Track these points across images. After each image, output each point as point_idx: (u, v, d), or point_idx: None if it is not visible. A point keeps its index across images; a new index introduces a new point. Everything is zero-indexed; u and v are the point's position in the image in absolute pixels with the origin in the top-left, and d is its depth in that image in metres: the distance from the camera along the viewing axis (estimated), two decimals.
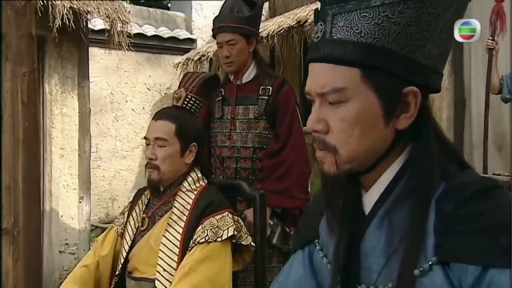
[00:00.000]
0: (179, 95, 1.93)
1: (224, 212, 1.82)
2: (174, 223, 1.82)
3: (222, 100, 2.74)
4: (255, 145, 2.62)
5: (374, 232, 0.92)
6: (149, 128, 1.91)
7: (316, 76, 0.92)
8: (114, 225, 2.03)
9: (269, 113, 2.60)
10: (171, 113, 1.91)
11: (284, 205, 2.53)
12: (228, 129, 2.67)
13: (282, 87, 2.63)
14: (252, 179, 2.60)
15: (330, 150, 0.90)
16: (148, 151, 1.89)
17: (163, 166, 1.88)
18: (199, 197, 1.87)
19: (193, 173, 1.94)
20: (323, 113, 0.91)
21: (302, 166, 2.56)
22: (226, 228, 1.77)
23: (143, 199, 2.00)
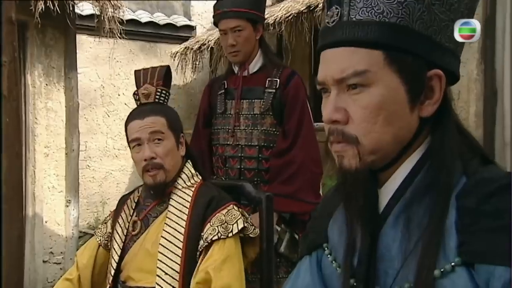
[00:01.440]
0: (148, 91, 1.99)
1: (229, 206, 1.91)
2: (174, 222, 1.88)
3: (225, 94, 2.75)
4: (261, 143, 2.62)
5: (389, 232, 0.93)
6: (135, 128, 1.94)
7: (332, 62, 0.93)
8: (96, 236, 2.09)
9: (277, 107, 2.61)
10: (153, 109, 1.97)
11: (292, 209, 2.53)
12: (232, 125, 2.68)
13: (291, 79, 2.63)
14: (258, 181, 2.61)
15: (351, 142, 0.92)
16: (144, 152, 1.92)
17: (167, 163, 1.94)
18: (198, 193, 1.94)
19: (186, 169, 2.02)
20: (342, 102, 0.92)
21: (313, 167, 2.56)
22: (235, 222, 1.86)
23: (129, 203, 2.06)
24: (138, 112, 1.98)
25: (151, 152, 1.91)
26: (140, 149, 1.93)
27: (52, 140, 4.59)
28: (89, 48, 6.65)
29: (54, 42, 4.61)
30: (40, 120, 4.55)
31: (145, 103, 2.00)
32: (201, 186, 1.99)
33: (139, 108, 2.01)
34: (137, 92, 2.03)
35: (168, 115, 1.99)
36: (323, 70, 0.95)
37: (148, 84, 2.02)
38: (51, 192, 4.59)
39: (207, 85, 3.01)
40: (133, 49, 7.10)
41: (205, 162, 2.80)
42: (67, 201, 4.64)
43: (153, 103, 2.00)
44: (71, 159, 4.65)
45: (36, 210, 4.51)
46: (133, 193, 2.11)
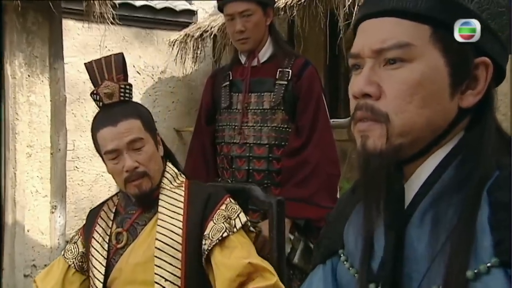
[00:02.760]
0: (111, 90, 1.96)
1: (226, 199, 1.99)
2: (168, 224, 1.93)
3: (230, 86, 2.78)
4: (271, 142, 2.65)
5: (413, 231, 0.95)
6: (109, 138, 1.93)
7: (373, 32, 0.97)
8: (65, 259, 2.07)
9: (289, 101, 2.63)
10: (124, 111, 1.97)
11: (307, 215, 2.55)
12: (239, 121, 2.71)
13: (304, 69, 2.65)
14: (268, 184, 2.64)
15: (380, 119, 0.94)
16: (125, 162, 1.93)
17: (151, 168, 1.98)
18: (190, 192, 2.01)
19: (169, 169, 2.08)
20: (376, 76, 0.95)
21: (330, 167, 2.59)
22: (236, 216, 1.95)
23: (104, 216, 2.08)
24: (106, 116, 1.96)
25: (132, 162, 1.93)
26: (118, 160, 1.94)
27: (36, 139, 4.60)
28: (77, 35, 6.67)
29: (36, 28, 4.62)
30: (21, 116, 4.56)
31: (109, 103, 1.97)
32: (191, 185, 2.06)
33: (105, 111, 1.98)
34: (96, 91, 1.99)
35: (142, 115, 2.00)
36: (360, 41, 0.98)
37: (108, 81, 1.98)
38: (34, 197, 4.59)
39: (210, 76, 3.04)
40: (127, 37, 7.11)
41: (208, 163, 2.84)
42: (53, 207, 4.64)
43: (119, 103, 1.98)
44: (57, 160, 4.65)
45: (17, 218, 4.52)
46: (104, 205, 2.12)
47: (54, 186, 4.65)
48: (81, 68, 6.69)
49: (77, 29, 6.55)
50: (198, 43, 6.83)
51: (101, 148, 1.97)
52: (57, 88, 4.70)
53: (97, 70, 2.02)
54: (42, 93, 4.65)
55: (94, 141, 2.01)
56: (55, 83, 4.70)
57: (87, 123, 6.85)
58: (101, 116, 1.99)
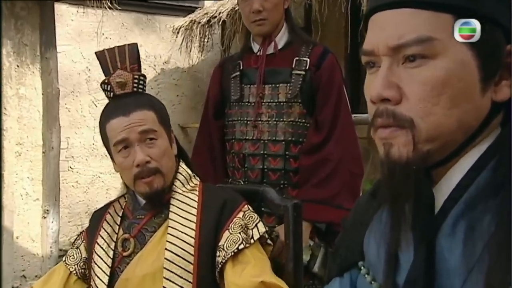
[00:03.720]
0: (124, 79, 1.99)
1: (244, 206, 1.99)
2: (179, 232, 1.93)
3: (240, 77, 2.79)
4: (287, 138, 2.66)
5: (445, 240, 0.93)
6: (120, 127, 1.94)
7: (387, 26, 0.95)
8: (66, 265, 2.08)
9: (307, 93, 2.64)
10: (138, 101, 1.99)
11: (329, 218, 2.56)
12: (251, 116, 2.72)
13: (324, 58, 2.67)
14: (285, 184, 2.65)
15: (405, 125, 0.93)
16: (135, 155, 1.93)
17: (164, 165, 1.98)
18: (205, 196, 2.02)
19: (182, 170, 2.08)
20: (395, 76, 0.94)
21: (352, 166, 2.59)
22: (254, 225, 1.95)
23: (109, 219, 2.08)
24: (118, 106, 1.98)
25: (144, 155, 1.93)
26: (128, 153, 1.95)
27: (26, 136, 4.63)
28: (71, 21, 6.68)
29: (26, 13, 4.64)
30: (10, 110, 4.58)
31: (120, 94, 2.00)
32: (205, 189, 2.06)
33: (117, 101, 2.00)
34: (107, 81, 2.01)
35: (156, 108, 2.03)
36: (373, 37, 0.97)
37: (121, 70, 2.01)
38: (24, 201, 4.62)
39: (218, 65, 3.05)
40: (126, 23, 7.12)
41: (216, 162, 2.85)
42: (45, 211, 4.67)
43: (132, 94, 2.01)
44: (50, 159, 4.68)
45: (5, 223, 4.53)
46: (110, 207, 2.13)
47: (46, 189, 4.67)
48: (75, 58, 6.82)
49: (71, 14, 6.56)
50: (205, 30, 6.83)
51: (110, 140, 1.97)
52: (49, 80, 4.73)
53: (110, 59, 2.05)
54: (32, 86, 4.68)
55: (102, 135, 2.02)
56: (47, 74, 4.72)
57: (82, 119, 6.86)
58: (111, 106, 2.00)
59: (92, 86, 6.95)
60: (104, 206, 2.16)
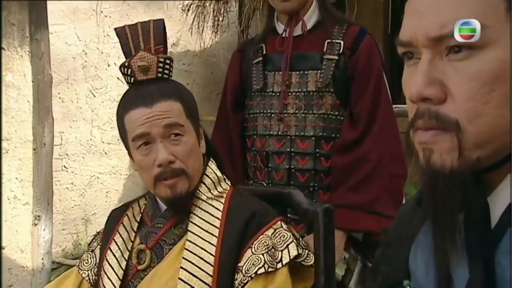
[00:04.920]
0: (148, 62, 1.96)
1: (276, 223, 1.92)
2: (199, 249, 1.89)
3: (263, 63, 2.80)
4: (318, 133, 2.66)
5: (504, 258, 0.92)
6: (141, 120, 1.91)
7: (427, 12, 0.94)
8: (80, 269, 2.10)
9: (340, 82, 2.65)
10: (162, 90, 1.96)
11: (366, 227, 2.56)
12: (276, 108, 2.73)
13: (360, 40, 2.67)
14: (315, 187, 2.66)
15: (449, 128, 0.92)
16: (158, 153, 1.90)
17: (190, 166, 1.95)
18: (231, 206, 1.97)
19: (210, 173, 2.05)
20: (437, 71, 0.94)
21: (393, 166, 2.59)
22: (285, 246, 1.87)
23: (126, 223, 2.07)
24: (139, 95, 1.95)
25: (167, 154, 1.90)
26: (149, 150, 1.92)
27: (14, 130, 4.65)
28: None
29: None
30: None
31: (143, 80, 1.98)
32: (234, 196, 2.02)
33: (138, 89, 1.98)
34: (128, 63, 1.99)
35: (184, 98, 2.00)
36: (411, 24, 0.96)
37: (144, 51, 1.98)
38: (12, 205, 4.64)
39: (237, 50, 3.08)
40: None
41: (236, 161, 2.87)
42: (36, 218, 4.68)
43: (156, 81, 1.98)
44: (42, 158, 4.68)
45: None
46: (129, 208, 2.12)
47: (38, 191, 4.67)
48: (70, 39, 6.84)
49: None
50: (220, 7, 6.82)
51: (129, 134, 1.95)
52: (40, 65, 4.73)
53: (132, 37, 2.02)
54: (21, 72, 4.69)
55: (119, 127, 2.00)
56: (37, 58, 4.72)
57: (78, 111, 6.85)
58: (132, 94, 1.98)
59: (90, 72, 6.94)
60: (123, 205, 2.16)
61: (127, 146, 1.99)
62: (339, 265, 2.40)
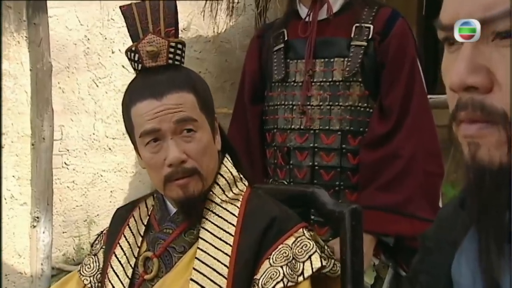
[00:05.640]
0: (157, 47, 1.91)
1: (298, 230, 1.86)
2: (211, 258, 1.85)
3: (285, 50, 2.80)
4: (344, 127, 2.66)
5: None
6: (150, 114, 1.87)
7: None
8: (81, 275, 2.09)
9: (369, 70, 2.64)
10: (173, 79, 1.92)
11: (398, 230, 2.55)
12: (299, 99, 2.72)
13: (392, 24, 2.65)
14: (341, 186, 2.65)
15: (497, 120, 0.91)
16: (168, 151, 1.86)
17: (204, 165, 1.90)
18: (247, 210, 1.92)
19: (226, 172, 2.00)
20: (483, 58, 0.93)
21: (429, 163, 2.58)
22: (307, 257, 1.81)
23: (132, 225, 2.05)
24: (147, 84, 1.91)
25: (179, 152, 1.85)
26: (159, 147, 1.88)
27: (11, 123, 4.67)
28: None
29: None
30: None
31: (152, 67, 1.93)
32: (251, 198, 1.97)
33: (146, 77, 1.93)
34: (135, 48, 1.93)
35: (198, 89, 1.95)
36: (452, 6, 0.96)
37: (153, 35, 1.93)
38: (8, 205, 4.66)
39: (256, 35, 3.08)
40: None
41: (254, 158, 2.88)
42: (34, 219, 4.70)
43: (166, 68, 1.94)
44: (41, 153, 4.70)
45: None
46: (135, 208, 2.10)
47: (36, 190, 4.69)
48: (71, 24, 6.86)
49: None
50: None
51: (136, 128, 1.91)
52: (39, 52, 4.75)
53: (139, 18, 1.96)
54: (18, 59, 4.71)
55: (125, 121, 1.96)
56: (35, 45, 4.74)
57: (80, 102, 6.88)
58: (139, 84, 1.94)
59: (92, 60, 6.96)
60: (129, 204, 2.13)
61: (133, 141, 1.96)
62: (368, 272, 2.40)
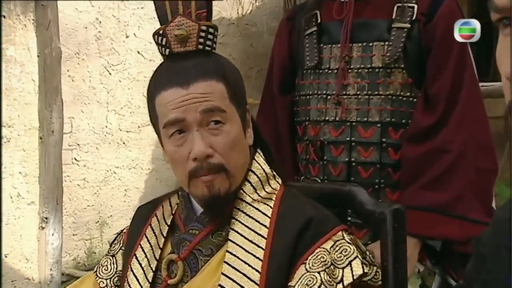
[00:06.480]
0: (186, 31, 1.91)
1: (337, 233, 1.85)
2: (241, 263, 1.85)
3: (318, 34, 2.80)
4: (384, 119, 2.66)
5: None
6: (175, 103, 1.87)
7: None
8: (97, 277, 2.11)
9: (413, 56, 2.63)
10: (202, 66, 1.91)
11: (446, 234, 2.54)
12: (333, 88, 2.72)
13: (438, 3, 2.61)
14: (381, 184, 2.65)
15: None
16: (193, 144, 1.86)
17: (232, 161, 1.89)
18: (281, 210, 1.91)
19: (258, 168, 2.00)
20: None
21: (480, 159, 2.57)
22: (347, 263, 1.80)
23: (155, 225, 2.06)
24: (174, 71, 1.91)
25: (205, 145, 1.85)
26: (184, 140, 1.87)
27: (17, 115, 4.69)
28: None
29: None
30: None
31: (180, 52, 1.93)
32: (285, 197, 1.96)
33: (174, 63, 1.93)
34: (163, 31, 1.94)
35: (228, 77, 1.94)
36: None
37: (183, 17, 1.92)
38: (15, 204, 4.68)
39: (285, 18, 3.09)
40: None
41: (284, 153, 2.88)
42: (42, 220, 4.73)
43: (196, 54, 1.93)
44: (49, 148, 4.73)
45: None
46: (158, 207, 2.10)
47: (45, 188, 4.71)
48: (81, 5, 6.87)
49: None
50: None
51: (160, 119, 1.91)
52: (47, 36, 4.77)
53: None
54: (25, 44, 4.73)
55: (150, 110, 1.97)
56: (43, 28, 4.76)
57: (91, 92, 6.90)
58: (165, 71, 1.94)
59: (104, 45, 6.97)
60: (152, 202, 2.13)
61: (158, 133, 1.96)
62: (412, 280, 2.40)
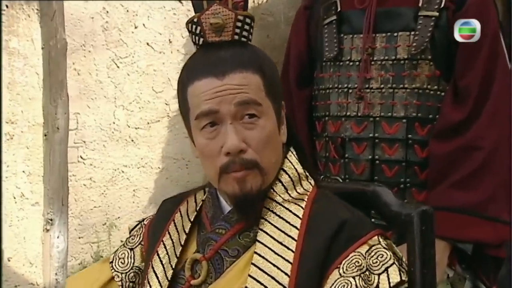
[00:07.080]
0: (223, 20, 1.91)
1: (372, 238, 1.85)
2: (270, 265, 1.84)
3: (338, 23, 2.80)
4: (410, 114, 2.66)
5: None
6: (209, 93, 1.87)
7: None
8: (113, 269, 2.12)
9: (441, 46, 2.61)
10: (238, 57, 1.91)
11: (477, 237, 2.54)
12: (355, 81, 2.73)
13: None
14: (407, 184, 2.66)
15: None
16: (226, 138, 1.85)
17: (265, 158, 1.89)
18: (312, 213, 1.90)
19: (290, 168, 1.99)
20: None
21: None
22: (384, 269, 1.79)
23: (178, 222, 2.06)
24: (209, 61, 1.92)
25: (238, 139, 1.84)
26: (216, 133, 1.87)
27: (20, 111, 4.71)
28: None
29: None
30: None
31: (215, 42, 1.94)
32: (317, 198, 1.96)
33: (209, 52, 1.94)
34: (197, 20, 1.94)
35: (265, 70, 1.94)
36: None
37: (218, 6, 1.93)
38: (18, 205, 4.70)
39: (303, 6, 3.09)
40: None
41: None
42: (47, 222, 4.75)
43: (231, 44, 1.94)
44: (54, 146, 4.74)
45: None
46: (183, 202, 2.11)
47: (50, 188, 4.73)
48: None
49: None
50: None
51: (192, 110, 1.92)
52: (52, 27, 4.79)
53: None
54: (28, 36, 4.75)
55: (180, 102, 1.99)
56: (48, 18, 4.78)
57: (98, 86, 6.88)
58: (199, 60, 1.95)
59: (112, 36, 6.95)
60: (177, 197, 2.14)
61: (188, 126, 1.97)
62: (442, 286, 2.39)
